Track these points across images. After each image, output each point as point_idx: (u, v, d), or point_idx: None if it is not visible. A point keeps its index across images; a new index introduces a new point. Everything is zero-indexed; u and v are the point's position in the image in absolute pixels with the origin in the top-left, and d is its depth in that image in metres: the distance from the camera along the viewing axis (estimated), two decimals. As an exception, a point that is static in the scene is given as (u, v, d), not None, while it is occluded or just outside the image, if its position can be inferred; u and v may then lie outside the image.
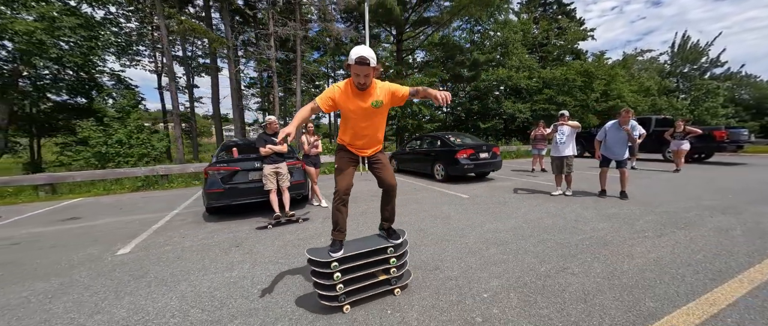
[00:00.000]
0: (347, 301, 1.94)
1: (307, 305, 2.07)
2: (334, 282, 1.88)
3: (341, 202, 2.06)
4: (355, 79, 1.88)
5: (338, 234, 2.06)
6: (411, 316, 1.91)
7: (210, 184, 4.30)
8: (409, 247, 3.08)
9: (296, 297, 2.18)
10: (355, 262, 1.98)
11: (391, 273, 2.10)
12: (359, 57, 1.78)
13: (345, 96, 1.96)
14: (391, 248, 2.12)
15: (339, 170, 2.12)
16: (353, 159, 2.17)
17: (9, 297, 2.37)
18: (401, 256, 2.17)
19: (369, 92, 1.97)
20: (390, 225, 2.26)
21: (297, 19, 11.17)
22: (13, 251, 3.52)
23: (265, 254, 3.07)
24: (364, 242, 2.19)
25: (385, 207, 2.25)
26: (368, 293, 2.03)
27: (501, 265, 2.60)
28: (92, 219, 4.92)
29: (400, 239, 2.18)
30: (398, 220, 4.12)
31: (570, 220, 3.85)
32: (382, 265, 2.09)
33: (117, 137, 9.59)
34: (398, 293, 2.13)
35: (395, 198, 2.24)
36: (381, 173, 2.17)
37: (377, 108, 2.01)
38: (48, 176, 7.19)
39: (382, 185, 2.18)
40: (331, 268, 1.89)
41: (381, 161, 2.20)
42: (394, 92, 2.02)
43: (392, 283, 2.12)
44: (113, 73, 13.00)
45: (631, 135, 4.82)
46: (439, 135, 8.19)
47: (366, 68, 1.82)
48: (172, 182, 8.24)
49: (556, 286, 2.20)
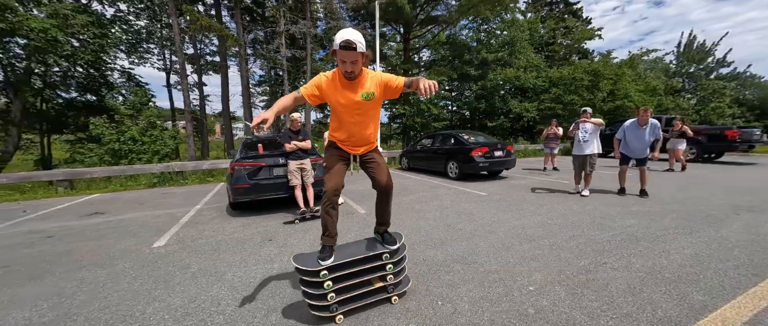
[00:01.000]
0: (340, 311, 1.80)
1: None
2: (324, 292, 1.74)
3: (330, 204, 1.87)
4: (342, 67, 1.68)
5: (328, 239, 1.89)
6: (463, 307, 1.95)
7: (236, 179, 4.34)
8: (440, 242, 3.15)
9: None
10: (348, 269, 1.83)
11: (388, 280, 1.95)
12: (344, 41, 1.58)
13: (332, 87, 1.78)
14: (387, 254, 1.95)
15: (327, 169, 1.92)
16: (344, 157, 1.98)
17: (61, 286, 2.42)
18: (398, 262, 2.01)
19: (359, 82, 1.78)
20: (386, 229, 2.10)
21: (307, 17, 11.20)
22: (49, 243, 3.57)
23: (299, 247, 3.12)
24: (357, 247, 2.02)
25: (380, 210, 2.07)
26: (363, 301, 1.88)
27: (538, 260, 2.63)
28: (118, 214, 4.97)
29: (397, 244, 2.00)
30: (422, 216, 4.17)
31: (596, 217, 3.88)
32: (378, 272, 1.93)
33: (130, 134, 9.67)
34: (396, 301, 1.98)
35: (391, 200, 2.08)
36: (375, 173, 1.97)
37: (368, 101, 1.81)
38: (66, 172, 7.25)
39: (377, 187, 1.99)
40: (321, 276, 1.75)
41: (375, 159, 2.01)
42: (387, 83, 1.81)
43: (389, 291, 1.97)
44: (123, 70, 13.09)
45: (656, 133, 4.82)
46: (453, 133, 8.22)
47: (353, 54, 1.61)
48: (186, 178, 8.31)
49: (599, 280, 2.23)
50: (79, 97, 12.79)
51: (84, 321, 1.92)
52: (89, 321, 1.93)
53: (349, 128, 1.90)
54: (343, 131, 1.93)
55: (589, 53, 23.40)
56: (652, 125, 4.85)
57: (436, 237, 3.30)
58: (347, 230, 3.65)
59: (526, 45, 18.10)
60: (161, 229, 3.96)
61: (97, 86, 12.40)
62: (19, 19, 7.84)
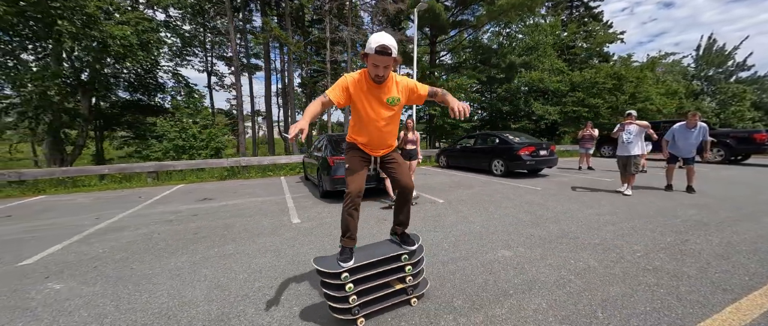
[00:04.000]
0: (362, 313, 1.80)
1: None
2: (346, 294, 1.75)
3: (353, 206, 1.87)
4: (373, 71, 1.71)
5: (348, 241, 1.90)
6: (594, 264, 2.56)
7: (335, 170, 5.03)
8: (533, 223, 3.75)
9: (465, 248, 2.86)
10: (368, 272, 1.85)
11: (407, 282, 1.96)
12: (380, 46, 1.59)
13: (359, 89, 1.79)
14: (406, 255, 1.96)
15: (350, 171, 1.93)
16: (365, 159, 1.98)
17: (242, 247, 3.10)
18: (417, 263, 2.02)
19: (386, 85, 1.80)
20: (404, 230, 2.10)
21: (349, 24, 11.94)
22: (195, 221, 4.28)
23: (412, 227, 3.76)
24: (376, 249, 2.03)
25: (399, 211, 2.08)
26: (384, 304, 1.90)
27: (629, 237, 3.22)
28: (224, 200, 5.70)
29: (415, 245, 2.01)
30: (499, 206, 4.76)
31: (659, 208, 4.42)
32: (397, 273, 1.95)
33: (191, 131, 10.53)
34: (415, 303, 2.00)
35: (411, 201, 2.09)
36: (396, 174, 1.99)
37: (393, 106, 1.86)
38: (155, 165, 8.17)
39: (398, 187, 2.02)
40: (342, 279, 1.76)
41: (396, 160, 2.03)
42: (413, 89, 1.87)
43: (408, 292, 1.98)
44: (175, 72, 14.07)
45: (705, 137, 5.33)
46: (496, 134, 8.81)
47: (387, 59, 1.63)
48: (249, 173, 9.09)
49: (691, 250, 2.82)
50: (131, 97, 13.73)
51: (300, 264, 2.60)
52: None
53: (371, 131, 1.90)
54: (364, 134, 1.93)
55: (610, 56, 23.66)
56: (700, 127, 5.37)
57: (526, 220, 3.91)
58: (437, 217, 4.28)
59: (549, 49, 18.56)
60: (283, 211, 4.65)
61: (150, 86, 13.33)
62: (106, 28, 8.71)
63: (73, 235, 3.81)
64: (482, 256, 2.79)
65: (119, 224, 4.26)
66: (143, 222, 4.31)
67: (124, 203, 5.81)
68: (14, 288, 2.44)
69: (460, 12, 16.82)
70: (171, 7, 12.49)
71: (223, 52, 17.87)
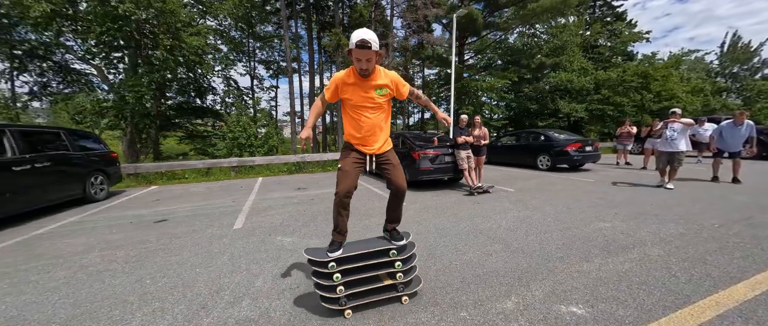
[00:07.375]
0: (349, 305, 1.86)
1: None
2: (334, 283, 1.83)
3: (342, 205, 1.97)
4: (357, 65, 1.84)
5: (338, 236, 2.01)
6: (681, 230, 3.27)
7: (421, 162, 5.83)
8: (612, 206, 4.36)
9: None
10: (355, 263, 1.91)
11: (397, 279, 1.99)
12: (360, 40, 1.73)
13: (348, 84, 1.93)
14: (394, 250, 2.00)
15: (341, 171, 2.01)
16: (359, 160, 2.05)
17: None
18: (407, 260, 2.04)
19: (372, 78, 1.93)
20: (394, 227, 2.17)
21: (391, 30, 12.78)
22: (312, 204, 5.12)
23: (497, 209, 4.49)
24: (366, 243, 2.11)
25: (391, 209, 2.17)
26: (371, 298, 1.93)
27: (701, 214, 3.87)
28: (315, 190, 6.56)
29: (404, 241, 2.07)
30: (570, 195, 5.37)
31: (711, 196, 4.95)
32: (386, 268, 2.00)
33: (250, 131, 11.56)
34: (406, 301, 2.01)
35: (403, 202, 2.16)
36: (390, 175, 2.07)
37: (382, 96, 1.97)
38: (238, 160, 9.24)
39: (391, 187, 2.08)
40: (329, 268, 1.84)
41: (390, 161, 2.09)
42: (398, 84, 2.03)
43: (399, 290, 1.99)
44: (227, 77, 15.22)
45: (751, 134, 5.90)
46: (541, 131, 9.52)
47: (367, 52, 1.76)
48: (312, 167, 10.06)
49: (759, 223, 3.46)
50: (188, 100, 14.91)
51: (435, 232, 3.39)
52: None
53: (364, 124, 1.99)
54: (357, 127, 2.02)
55: (634, 55, 23.83)
56: (748, 124, 5.96)
57: (600, 203, 4.59)
58: (520, 201, 5.02)
59: (576, 49, 19.02)
60: (371, 198, 5.47)
61: (203, 90, 14.47)
62: (187, 39, 9.81)
63: (237, 213, 4.67)
64: (585, 227, 3.51)
65: (261, 206, 5.12)
66: (277, 204, 5.18)
67: (233, 191, 6.73)
68: (261, 239, 3.32)
69: (490, 14, 17.44)
70: (226, 16, 13.59)
71: (263, 56, 19.08)
